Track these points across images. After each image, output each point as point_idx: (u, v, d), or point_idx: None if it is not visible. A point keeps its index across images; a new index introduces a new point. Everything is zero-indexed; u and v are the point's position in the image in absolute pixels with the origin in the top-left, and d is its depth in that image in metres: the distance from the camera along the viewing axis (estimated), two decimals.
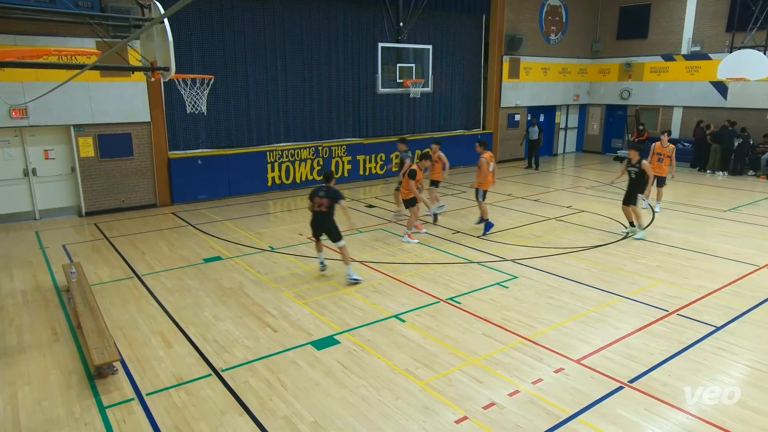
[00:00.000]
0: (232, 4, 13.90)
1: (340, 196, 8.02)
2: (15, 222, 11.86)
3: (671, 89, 20.21)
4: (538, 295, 7.68)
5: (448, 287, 8.00)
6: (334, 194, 8.02)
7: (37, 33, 10.95)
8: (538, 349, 6.13)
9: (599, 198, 14.17)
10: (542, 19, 20.37)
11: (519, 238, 10.54)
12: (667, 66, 20.18)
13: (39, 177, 12.10)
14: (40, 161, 12.07)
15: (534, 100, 20.93)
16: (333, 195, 8.02)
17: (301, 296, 7.72)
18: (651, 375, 5.57)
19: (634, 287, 7.96)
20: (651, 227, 11.18)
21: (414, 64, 14.29)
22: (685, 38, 19.70)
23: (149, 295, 7.81)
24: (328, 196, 8.02)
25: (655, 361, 5.83)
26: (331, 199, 8.01)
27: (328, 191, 8.06)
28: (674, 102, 20.26)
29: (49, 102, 11.23)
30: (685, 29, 19.67)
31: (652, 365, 5.75)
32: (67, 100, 11.71)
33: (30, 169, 11.97)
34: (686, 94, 19.84)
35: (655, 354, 5.99)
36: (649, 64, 20.68)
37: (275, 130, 15.38)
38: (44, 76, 11.08)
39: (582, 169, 19.35)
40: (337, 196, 8.01)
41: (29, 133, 11.83)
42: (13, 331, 6.70)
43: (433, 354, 6.02)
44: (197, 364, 5.87)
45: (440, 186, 12.66)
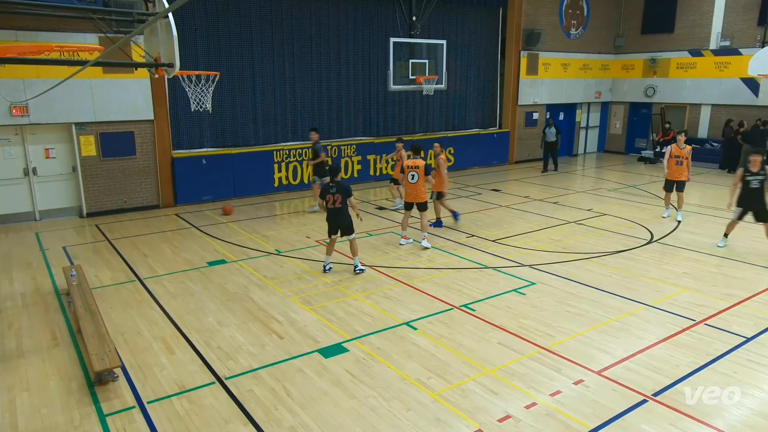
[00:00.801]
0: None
1: (350, 192, 8.58)
2: (15, 223, 12.02)
3: (699, 86, 20.02)
4: (557, 303, 7.63)
5: (462, 293, 7.98)
6: (345, 189, 8.55)
7: (39, 29, 11.12)
8: (557, 359, 6.08)
9: (622, 201, 14.06)
10: (562, 13, 20.28)
11: (537, 242, 10.49)
12: (695, 62, 19.98)
13: (39, 176, 12.26)
14: (40, 160, 12.23)
15: (553, 98, 20.84)
16: (344, 190, 8.55)
17: (308, 302, 7.74)
18: (677, 388, 5.51)
19: (659, 295, 7.89)
20: (676, 232, 11.07)
21: (427, 60, 14.31)
22: (713, 32, 19.49)
23: (151, 300, 7.87)
24: (340, 191, 8.53)
25: (681, 374, 5.76)
26: (342, 194, 8.54)
27: (338, 186, 8.56)
28: (702, 100, 20.06)
29: (51, 99, 11.38)
30: (714, 23, 19.47)
31: (678, 378, 5.69)
32: (68, 97, 11.87)
33: (30, 169, 12.14)
34: (715, 91, 19.64)
35: (681, 366, 5.92)
36: (675, 59, 20.50)
37: (282, 129, 15.46)
38: (45, 73, 11.24)
39: (604, 171, 19.22)
40: (348, 192, 8.56)
41: (30, 131, 12.00)
42: (12, 335, 6.79)
43: (446, 363, 6.00)
44: (200, 372, 5.90)
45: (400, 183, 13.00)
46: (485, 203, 13.83)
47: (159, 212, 13.11)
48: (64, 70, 10.26)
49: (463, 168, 18.72)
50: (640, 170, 18.95)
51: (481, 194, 14.90)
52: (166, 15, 5.77)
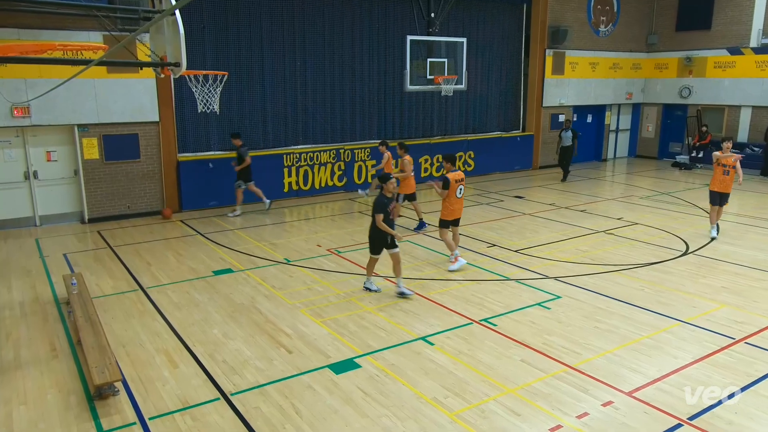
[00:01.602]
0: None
1: None
2: (14, 228, 12.22)
3: (738, 87, 19.77)
4: (585, 318, 7.56)
5: (482, 307, 7.93)
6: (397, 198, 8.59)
7: (42, 27, 11.33)
8: (584, 378, 6.01)
9: (655, 209, 13.91)
10: (590, 9, 20.20)
11: (563, 252, 10.41)
12: (734, 60, 19.75)
13: (40, 180, 12.46)
14: (41, 163, 12.44)
15: (581, 99, 20.72)
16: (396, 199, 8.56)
17: (318, 314, 7.75)
18: (714, 412, 5.42)
19: (695, 311, 7.78)
20: (714, 243, 10.91)
21: (446, 59, 14.32)
22: (754, 29, 19.25)
23: (154, 310, 7.94)
24: (396, 200, 8.60)
25: (718, 396, 5.67)
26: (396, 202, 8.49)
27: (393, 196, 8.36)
28: (742, 101, 19.80)
29: (53, 100, 11.58)
30: (755, 19, 19.23)
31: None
32: (71, 98, 12.07)
33: (31, 172, 12.35)
34: (756, 91, 19.37)
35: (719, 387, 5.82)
36: (712, 58, 20.28)
37: (293, 131, 15.56)
38: (48, 73, 11.45)
39: (635, 176, 19.04)
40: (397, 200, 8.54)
41: (31, 133, 12.22)
42: (10, 346, 6.88)
43: (465, 381, 5.97)
44: (204, 387, 5.93)
45: None
46: (507, 211, 13.76)
47: (163, 218, 13.24)
48: (67, 70, 10.45)
49: (484, 173, 18.66)
50: (674, 176, 18.73)
51: (503, 201, 14.83)
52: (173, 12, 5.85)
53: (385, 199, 8.05)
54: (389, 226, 8.08)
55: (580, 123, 21.23)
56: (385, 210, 8.01)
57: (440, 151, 17.58)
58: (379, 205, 7.99)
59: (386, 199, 8.06)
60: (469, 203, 14.29)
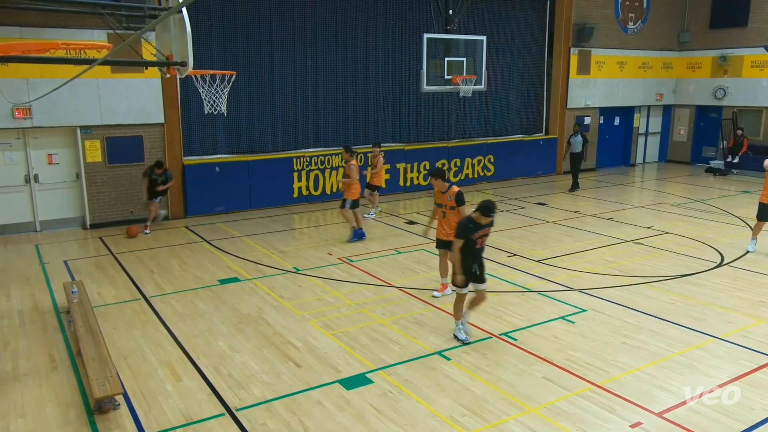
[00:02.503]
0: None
1: None
2: (13, 234, 12.40)
3: None
4: (611, 333, 7.49)
5: (502, 320, 7.89)
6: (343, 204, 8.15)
7: (45, 25, 11.53)
8: (611, 397, 5.96)
9: (687, 217, 13.77)
10: (618, 5, 20.12)
11: (588, 263, 10.33)
12: None
13: (41, 184, 12.64)
14: (42, 166, 12.62)
15: (607, 100, 20.62)
16: None
17: (328, 326, 7.75)
18: None
19: (731, 326, 7.68)
20: (751, 254, 10.77)
21: (465, 58, 14.32)
22: None
23: (157, 320, 8.00)
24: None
25: (756, 419, 5.59)
26: None
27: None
28: None
29: (55, 101, 11.76)
30: None
31: (753, 423, 5.51)
32: (74, 98, 12.25)
33: (32, 176, 12.53)
34: None
35: (757, 409, 5.74)
36: (749, 57, 20.08)
37: (303, 134, 15.65)
38: (50, 72, 11.63)
39: (666, 183, 18.87)
40: None
41: (32, 135, 12.41)
42: (8, 356, 6.97)
43: (483, 399, 5.93)
44: (209, 402, 5.95)
45: None
46: (529, 218, 13.70)
47: (167, 224, 13.35)
48: (70, 70, 10.60)
49: (505, 179, 18.61)
50: (708, 183, 18.54)
51: (525, 208, 14.77)
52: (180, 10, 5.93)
53: (472, 223, 6.96)
54: (475, 258, 7.06)
55: (608, 125, 21.13)
56: (469, 236, 6.94)
57: (458, 155, 17.60)
58: (464, 229, 6.93)
59: (473, 224, 6.96)
60: None
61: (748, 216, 11.84)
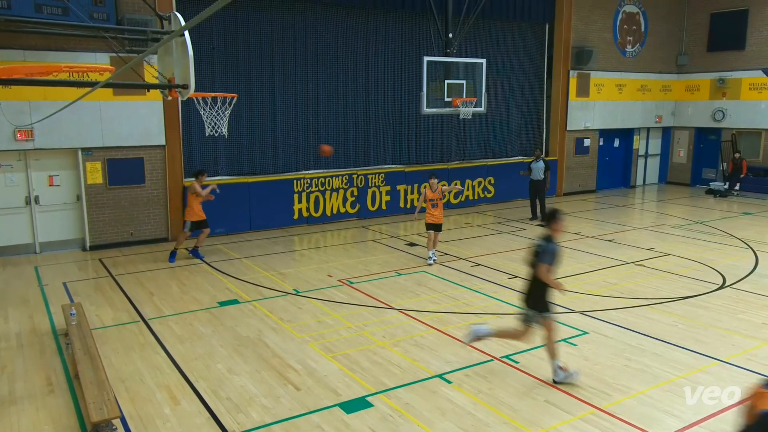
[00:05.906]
0: (259, 15, 14.46)
1: None
2: (13, 255, 12.39)
3: None
4: (614, 356, 7.45)
5: (504, 343, 7.84)
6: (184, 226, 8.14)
7: (48, 48, 11.67)
8: (613, 421, 5.91)
9: (688, 239, 13.76)
10: (617, 28, 20.35)
11: (589, 285, 10.30)
12: None
13: (42, 206, 12.67)
14: (43, 188, 12.66)
15: (607, 123, 20.75)
16: None
17: (329, 349, 7.71)
18: None
19: (735, 349, 7.64)
20: (753, 275, 10.75)
21: (465, 81, 14.46)
22: None
23: (156, 343, 7.95)
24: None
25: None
26: None
27: None
28: None
29: (57, 123, 11.83)
30: None
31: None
32: (76, 120, 12.33)
33: (32, 197, 12.56)
34: None
35: None
36: (747, 79, 20.26)
37: (304, 156, 15.72)
38: (53, 95, 11.73)
39: (666, 204, 18.90)
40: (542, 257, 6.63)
41: (34, 157, 12.47)
42: (5, 379, 6.92)
43: (485, 423, 5.88)
44: (207, 426, 5.90)
45: None
46: (529, 240, 13.66)
47: (168, 246, 13.31)
48: (72, 92, 10.69)
49: (505, 200, 18.64)
50: (708, 204, 18.57)
51: (525, 230, 14.77)
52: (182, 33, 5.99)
53: (557, 246, 6.63)
54: None
55: (607, 147, 21.25)
56: (556, 260, 6.60)
57: (458, 176, 17.64)
58: (551, 254, 6.52)
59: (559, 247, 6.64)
60: (489, 232, 14.29)
61: (750, 237, 11.83)
